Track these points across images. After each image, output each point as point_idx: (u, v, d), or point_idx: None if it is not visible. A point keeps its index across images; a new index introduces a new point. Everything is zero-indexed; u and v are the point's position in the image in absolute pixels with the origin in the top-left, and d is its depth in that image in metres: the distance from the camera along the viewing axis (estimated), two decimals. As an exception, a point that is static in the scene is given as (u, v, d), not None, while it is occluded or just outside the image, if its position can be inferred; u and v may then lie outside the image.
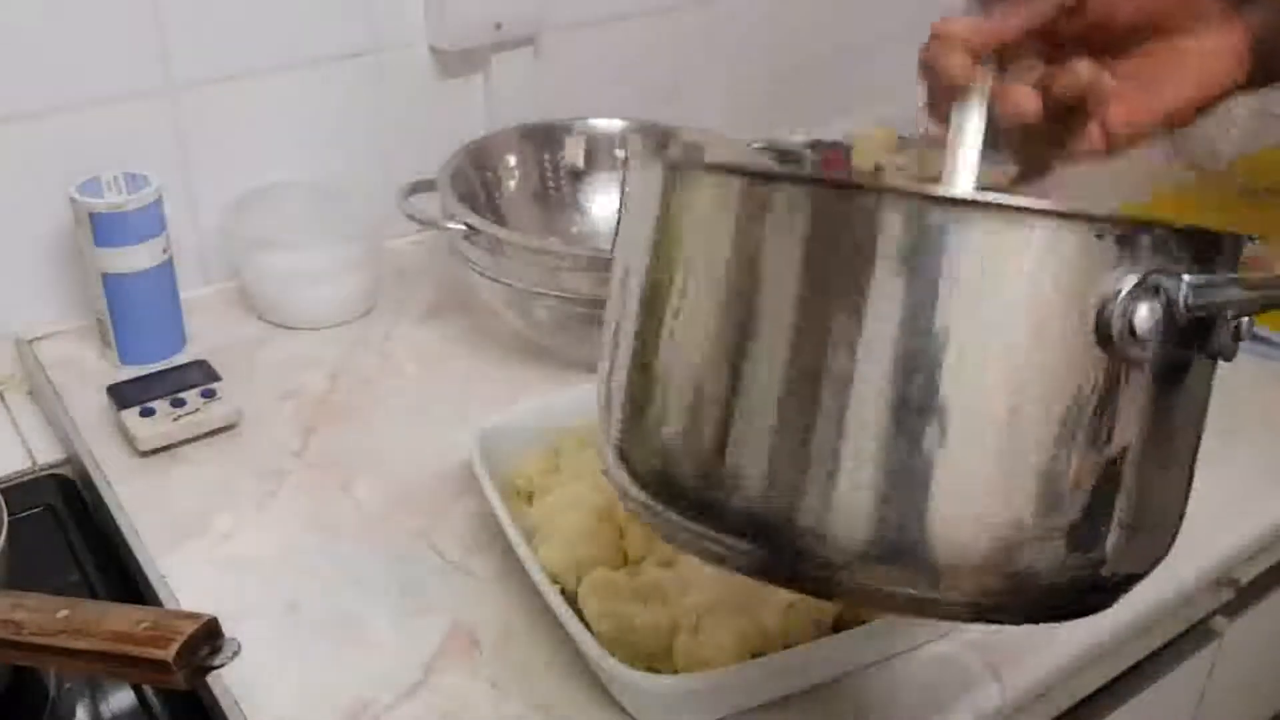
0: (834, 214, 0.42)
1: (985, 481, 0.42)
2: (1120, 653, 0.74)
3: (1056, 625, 0.52)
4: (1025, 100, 0.54)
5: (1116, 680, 0.77)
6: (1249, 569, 0.81)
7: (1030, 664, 0.65)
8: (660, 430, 0.46)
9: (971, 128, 0.55)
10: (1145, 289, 0.41)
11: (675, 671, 0.60)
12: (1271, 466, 0.79)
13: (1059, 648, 0.66)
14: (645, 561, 0.65)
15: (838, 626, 0.62)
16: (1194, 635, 0.84)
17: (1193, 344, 0.44)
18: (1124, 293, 0.41)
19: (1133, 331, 0.41)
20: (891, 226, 0.41)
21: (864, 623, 0.62)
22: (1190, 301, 0.42)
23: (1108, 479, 0.43)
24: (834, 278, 0.42)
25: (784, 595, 0.61)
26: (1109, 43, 0.58)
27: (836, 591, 0.44)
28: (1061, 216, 0.41)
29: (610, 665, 0.58)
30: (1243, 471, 0.79)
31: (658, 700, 0.59)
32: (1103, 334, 0.42)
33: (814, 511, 0.42)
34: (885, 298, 0.41)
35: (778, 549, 0.43)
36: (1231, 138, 1.15)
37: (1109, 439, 0.43)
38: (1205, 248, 0.44)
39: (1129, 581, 0.46)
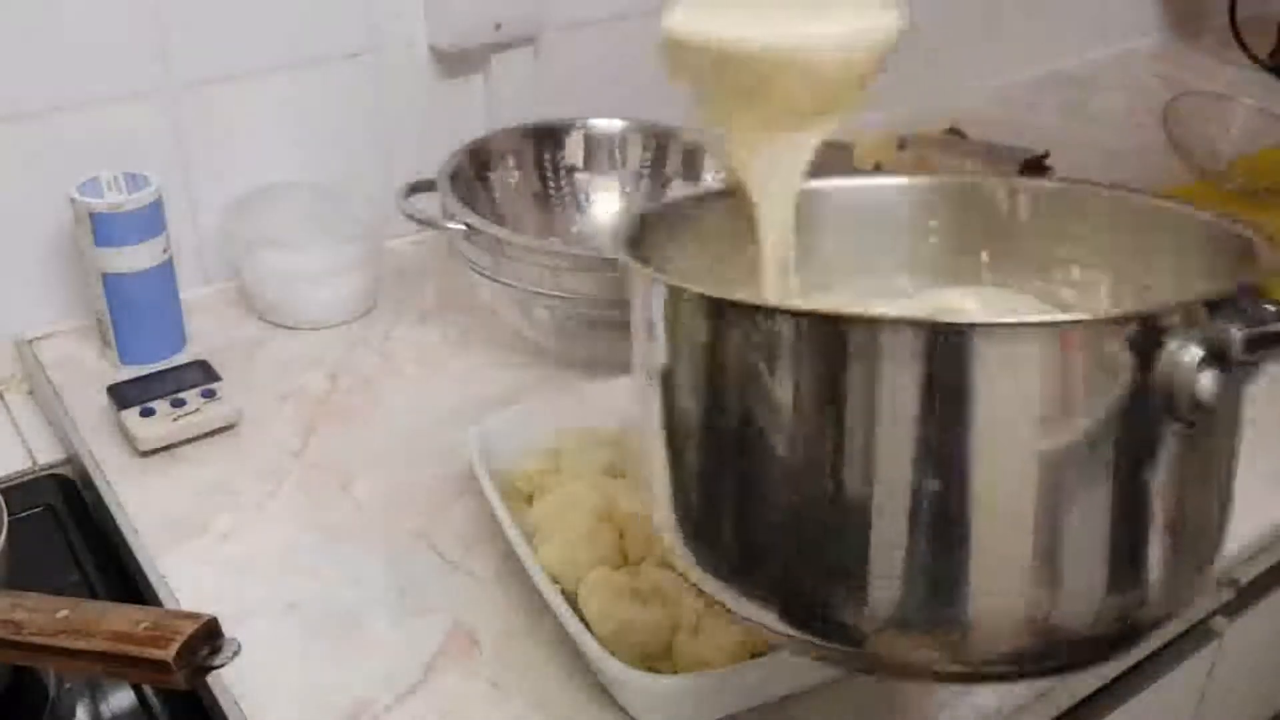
0: (840, 345, 0.42)
1: (1020, 561, 0.42)
2: (1120, 653, 0.74)
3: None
4: None
5: (1117, 680, 0.77)
6: (1249, 569, 0.81)
7: (1030, 664, 0.65)
8: (707, 523, 0.47)
9: None
10: (1202, 361, 0.40)
11: (675, 671, 0.60)
12: (1271, 468, 0.79)
13: (1059, 648, 0.66)
14: (645, 562, 0.65)
15: (838, 626, 0.62)
16: (1194, 635, 0.84)
17: (1242, 379, 0.44)
18: (1182, 367, 0.40)
19: (1197, 403, 0.41)
20: (899, 357, 0.40)
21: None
22: (1244, 353, 0.41)
23: (1147, 525, 0.43)
24: (848, 400, 0.42)
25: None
26: None
27: (869, 663, 0.45)
28: (1080, 324, 0.41)
29: (610, 665, 0.58)
30: (1242, 472, 0.78)
31: (658, 700, 0.59)
32: (1166, 411, 0.41)
33: (846, 595, 0.43)
34: (895, 417, 0.41)
35: (822, 633, 0.44)
36: (1231, 138, 1.15)
37: (1150, 490, 0.42)
38: (1237, 296, 0.43)
39: (1169, 617, 0.45)
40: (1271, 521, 0.77)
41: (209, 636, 0.54)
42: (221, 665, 0.54)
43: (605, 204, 0.98)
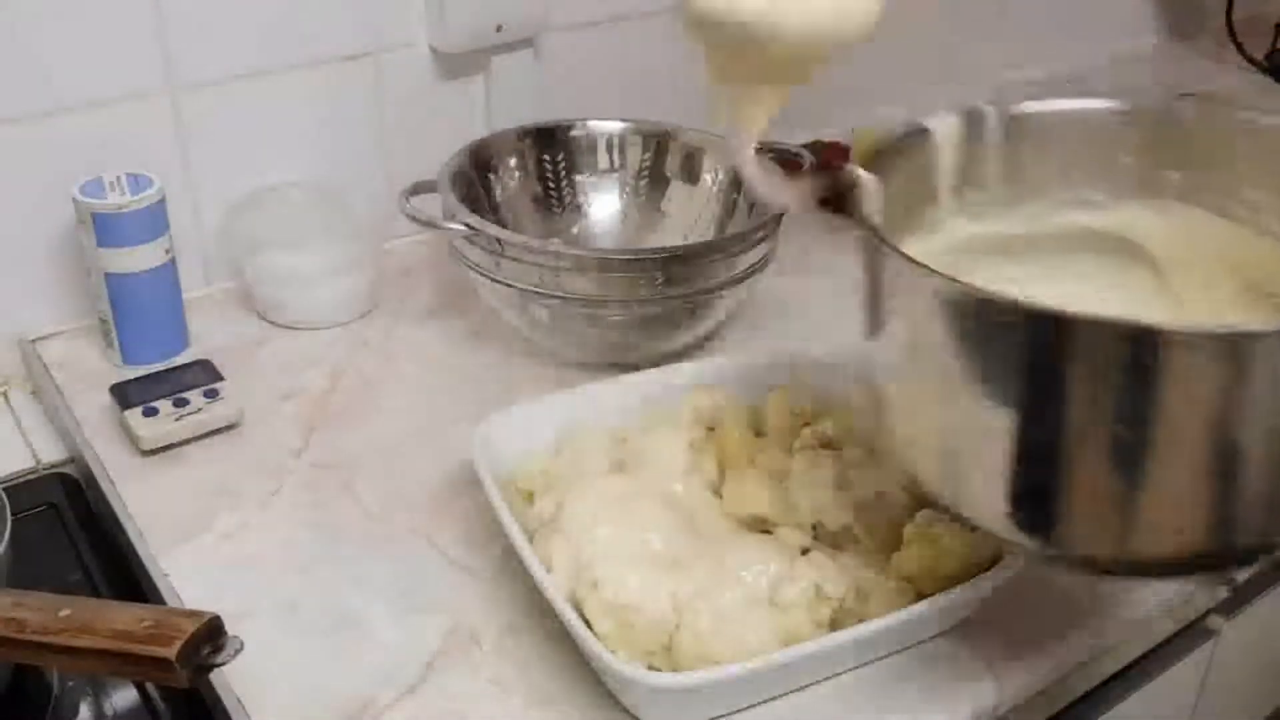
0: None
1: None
2: (1118, 650, 0.74)
3: (1056, 625, 0.53)
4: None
5: (1115, 677, 0.77)
6: (1245, 568, 0.81)
7: (1029, 662, 0.66)
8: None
9: None
10: None
11: (676, 669, 0.60)
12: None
13: (1057, 646, 0.67)
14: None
15: (835, 625, 0.63)
16: (1191, 633, 0.84)
17: None
18: None
19: None
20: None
21: (861, 621, 0.62)
22: None
23: None
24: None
25: (784, 593, 0.62)
26: None
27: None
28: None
29: (611, 663, 0.58)
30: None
31: (658, 698, 0.60)
32: None
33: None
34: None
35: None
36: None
37: None
38: None
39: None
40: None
41: (211, 635, 0.54)
42: (224, 663, 0.55)
43: (605, 205, 0.99)
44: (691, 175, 0.97)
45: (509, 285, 0.84)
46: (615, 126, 0.98)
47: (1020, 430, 0.52)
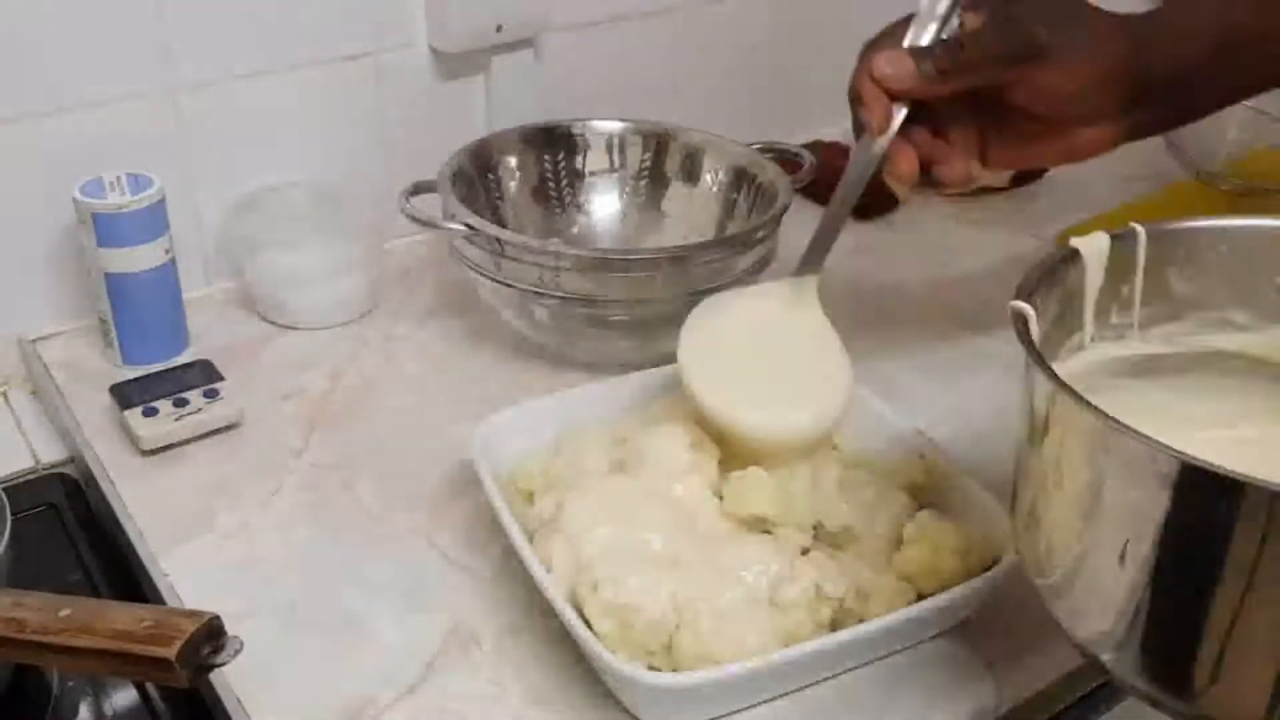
0: None
1: None
2: (1118, 651, 0.74)
3: (1056, 625, 0.53)
4: (907, 172, 0.69)
5: (1114, 678, 0.77)
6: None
7: (1029, 662, 0.66)
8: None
9: (866, 160, 0.70)
10: None
11: (675, 669, 0.60)
12: (1269, 466, 0.79)
13: (1057, 646, 0.67)
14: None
15: (835, 625, 0.63)
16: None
17: None
18: None
19: None
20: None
21: (861, 621, 0.62)
22: None
23: None
24: None
25: (784, 593, 0.62)
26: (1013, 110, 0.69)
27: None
28: None
29: (611, 663, 0.58)
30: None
31: (658, 698, 0.60)
32: None
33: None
34: None
35: None
36: (1227, 139, 1.15)
37: None
38: None
39: None
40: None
41: (211, 635, 0.54)
42: (223, 664, 0.55)
43: (605, 205, 0.99)
44: (691, 175, 0.97)
45: (509, 285, 0.84)
46: (615, 126, 0.98)
47: (1167, 582, 0.48)
